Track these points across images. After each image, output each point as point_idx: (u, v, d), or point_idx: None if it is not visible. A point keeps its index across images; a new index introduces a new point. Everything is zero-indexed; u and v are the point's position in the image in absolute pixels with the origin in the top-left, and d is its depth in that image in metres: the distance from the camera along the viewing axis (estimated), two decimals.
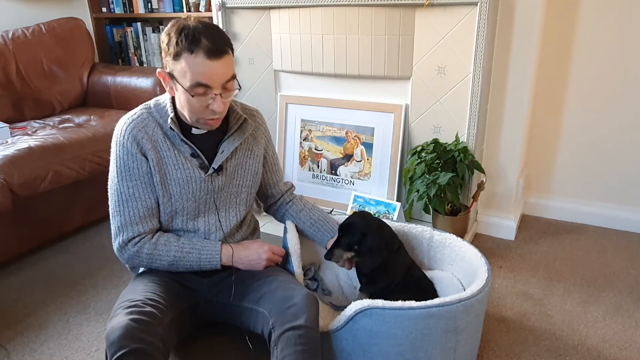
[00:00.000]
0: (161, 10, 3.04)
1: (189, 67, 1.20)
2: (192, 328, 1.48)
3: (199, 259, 1.37)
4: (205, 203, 1.42)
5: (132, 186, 1.32)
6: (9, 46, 2.65)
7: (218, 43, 1.20)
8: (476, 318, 1.33)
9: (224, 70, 1.23)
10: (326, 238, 1.56)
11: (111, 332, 1.11)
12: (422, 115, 2.07)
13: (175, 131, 1.32)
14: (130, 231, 1.33)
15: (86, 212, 2.32)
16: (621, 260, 2.03)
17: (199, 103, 1.24)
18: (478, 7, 1.80)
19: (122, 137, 1.32)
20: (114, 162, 1.35)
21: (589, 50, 2.15)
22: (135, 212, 1.33)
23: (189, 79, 1.20)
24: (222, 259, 1.38)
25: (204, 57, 1.18)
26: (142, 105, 1.38)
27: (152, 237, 1.36)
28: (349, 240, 1.45)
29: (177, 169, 1.35)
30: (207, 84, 1.21)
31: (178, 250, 1.36)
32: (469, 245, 1.55)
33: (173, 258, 1.36)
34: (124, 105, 2.80)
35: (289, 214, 1.62)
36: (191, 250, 1.37)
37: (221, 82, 1.23)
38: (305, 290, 1.31)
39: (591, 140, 2.26)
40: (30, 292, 1.91)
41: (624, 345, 1.55)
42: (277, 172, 1.61)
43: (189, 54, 1.18)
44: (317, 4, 2.07)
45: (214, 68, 1.20)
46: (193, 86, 1.21)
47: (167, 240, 1.36)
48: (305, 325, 1.20)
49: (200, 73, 1.20)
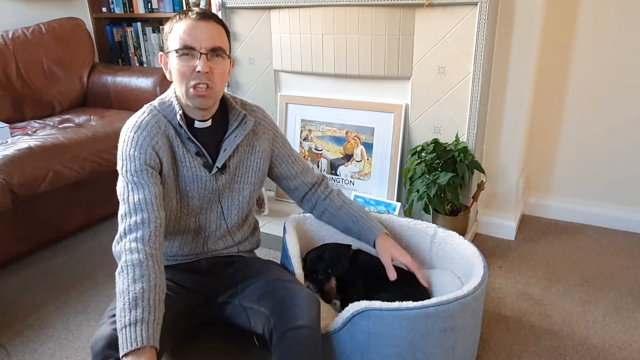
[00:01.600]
0: (161, 10, 3.04)
1: (177, 32, 1.26)
2: (189, 330, 1.47)
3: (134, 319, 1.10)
4: (209, 201, 1.42)
5: (138, 175, 1.26)
6: (9, 46, 2.65)
7: (207, 12, 1.29)
8: (474, 316, 1.33)
9: (209, 34, 1.27)
10: (371, 237, 1.53)
11: (95, 342, 1.12)
12: (422, 115, 2.07)
13: (183, 127, 1.32)
14: (134, 218, 1.22)
15: (86, 212, 2.32)
16: (621, 260, 2.03)
17: (185, 65, 1.26)
18: (478, 7, 1.80)
19: (134, 133, 1.29)
20: (120, 158, 1.30)
21: (589, 50, 2.15)
22: (141, 197, 1.24)
23: (175, 41, 1.26)
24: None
25: (190, 20, 1.26)
26: (146, 105, 1.37)
27: (153, 254, 1.19)
28: (323, 270, 1.55)
29: (185, 166, 1.35)
30: (191, 45, 1.25)
31: (141, 291, 1.13)
32: (468, 243, 1.55)
33: (134, 290, 1.13)
34: (124, 105, 2.80)
35: (328, 213, 1.60)
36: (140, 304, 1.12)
37: (206, 45, 1.26)
38: (306, 291, 1.31)
39: (591, 140, 2.26)
40: (30, 292, 1.91)
41: (624, 345, 1.55)
42: (294, 163, 1.56)
43: (179, 22, 1.27)
44: (317, 4, 2.07)
45: (198, 28, 1.25)
46: (179, 49, 1.26)
47: (149, 274, 1.16)
48: (307, 325, 1.20)
49: (185, 33, 1.26)
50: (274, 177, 1.58)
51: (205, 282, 1.45)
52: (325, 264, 1.55)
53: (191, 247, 1.47)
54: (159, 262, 1.20)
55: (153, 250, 1.20)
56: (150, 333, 1.08)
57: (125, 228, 1.21)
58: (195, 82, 1.27)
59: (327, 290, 1.55)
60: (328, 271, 1.55)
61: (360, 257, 1.58)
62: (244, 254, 1.56)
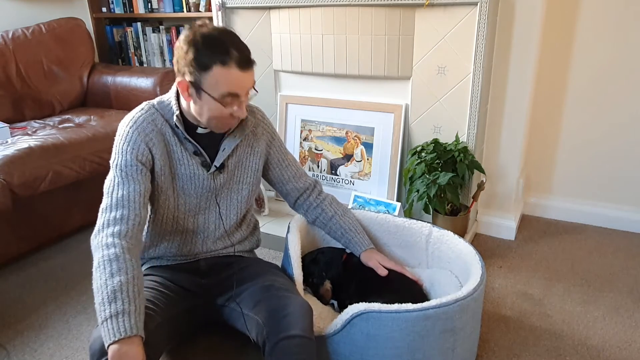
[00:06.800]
0: (161, 10, 3.04)
1: (221, 79, 1.21)
2: (187, 330, 1.47)
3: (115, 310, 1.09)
4: (207, 200, 1.42)
5: (127, 170, 1.27)
6: (9, 46, 2.65)
7: (246, 53, 1.24)
8: (473, 317, 1.33)
9: (251, 80, 1.27)
10: (357, 251, 1.57)
11: (93, 342, 1.12)
12: (422, 115, 2.07)
13: (179, 128, 1.32)
14: (113, 213, 1.21)
15: (86, 212, 2.32)
16: (621, 260, 2.03)
17: (225, 111, 1.26)
18: (478, 7, 1.80)
19: (129, 128, 1.30)
20: (114, 151, 1.31)
21: (589, 50, 2.14)
22: (125, 194, 1.23)
23: (219, 89, 1.22)
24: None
25: (236, 69, 1.21)
26: (145, 103, 1.37)
27: (129, 249, 1.18)
28: (317, 274, 1.58)
29: (182, 164, 1.35)
30: (236, 93, 1.24)
31: (118, 284, 1.11)
32: (464, 242, 1.55)
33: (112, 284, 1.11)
34: (124, 105, 2.80)
35: (319, 221, 1.62)
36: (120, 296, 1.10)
37: (248, 89, 1.27)
38: (300, 299, 1.30)
39: (591, 140, 2.26)
40: (30, 292, 1.91)
41: (624, 345, 1.55)
42: (288, 167, 1.57)
43: (221, 66, 1.20)
44: (317, 4, 2.07)
45: (244, 78, 1.24)
46: (224, 95, 1.23)
47: (126, 267, 1.14)
48: (300, 334, 1.19)
49: (232, 84, 1.22)
50: (267, 179, 1.59)
51: (204, 284, 1.45)
52: (320, 267, 1.58)
53: (190, 247, 1.47)
54: (136, 256, 1.19)
55: (130, 245, 1.19)
56: (133, 322, 1.07)
57: (103, 222, 1.21)
58: (227, 121, 1.29)
59: (322, 293, 1.58)
60: (322, 274, 1.58)
61: (353, 260, 1.60)
62: (243, 253, 1.56)
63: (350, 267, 1.59)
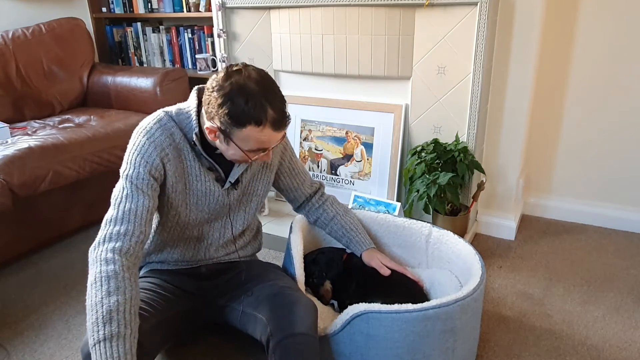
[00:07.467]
0: (161, 10, 3.04)
1: (253, 136, 1.18)
2: (186, 331, 1.47)
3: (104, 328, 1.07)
4: (218, 214, 1.41)
5: (138, 183, 1.22)
6: (9, 46, 2.65)
7: (283, 112, 1.20)
8: (473, 316, 1.33)
9: (284, 133, 1.25)
10: (358, 250, 1.57)
11: (85, 345, 1.11)
12: (422, 115, 2.07)
13: (197, 146, 1.27)
14: (117, 226, 1.17)
15: (86, 212, 2.32)
16: (621, 260, 2.03)
17: (250, 157, 1.25)
18: (478, 7, 1.80)
19: (145, 139, 1.24)
20: (125, 160, 1.25)
21: (589, 50, 2.14)
22: (132, 208, 1.19)
23: (249, 144, 1.20)
24: None
25: (270, 130, 1.18)
26: (162, 111, 1.29)
27: (129, 267, 1.15)
28: (318, 274, 1.58)
29: (199, 180, 1.32)
30: (266, 148, 1.24)
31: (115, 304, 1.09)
32: (463, 242, 1.55)
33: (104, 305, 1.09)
34: (124, 105, 2.80)
35: (321, 222, 1.62)
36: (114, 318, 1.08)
37: (279, 142, 1.27)
38: (304, 298, 1.31)
39: (591, 140, 2.26)
40: (30, 292, 1.91)
41: (624, 345, 1.55)
42: (297, 175, 1.56)
43: (256, 126, 1.16)
44: (317, 4, 2.07)
45: (277, 136, 1.22)
46: (252, 150, 1.22)
47: (124, 287, 1.12)
48: (304, 333, 1.20)
49: (263, 142, 1.21)
50: (275, 187, 1.58)
51: (205, 286, 1.45)
52: (320, 267, 1.58)
53: (193, 253, 1.46)
54: (135, 275, 1.16)
55: (130, 263, 1.15)
56: (127, 348, 1.05)
57: (105, 235, 1.17)
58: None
59: (322, 293, 1.58)
60: (323, 274, 1.58)
61: (354, 260, 1.60)
62: (245, 258, 1.56)
63: (351, 267, 1.59)
